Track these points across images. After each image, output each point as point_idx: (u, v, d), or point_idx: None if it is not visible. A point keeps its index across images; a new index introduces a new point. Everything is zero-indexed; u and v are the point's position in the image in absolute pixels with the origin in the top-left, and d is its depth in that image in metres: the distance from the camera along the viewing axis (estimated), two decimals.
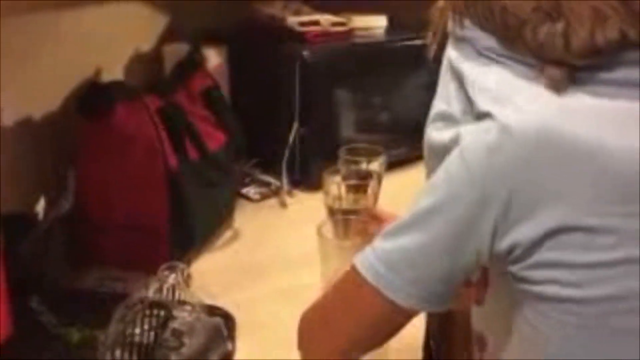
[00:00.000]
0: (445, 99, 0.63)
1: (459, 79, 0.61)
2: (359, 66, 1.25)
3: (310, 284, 0.99)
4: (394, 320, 0.64)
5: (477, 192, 0.57)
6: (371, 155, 1.04)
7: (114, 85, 0.99)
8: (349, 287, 0.64)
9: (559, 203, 0.55)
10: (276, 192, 1.22)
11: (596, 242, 0.55)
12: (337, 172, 1.03)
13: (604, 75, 0.58)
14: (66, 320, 0.85)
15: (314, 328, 0.68)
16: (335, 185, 0.97)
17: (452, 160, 0.58)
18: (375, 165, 1.03)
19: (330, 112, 1.24)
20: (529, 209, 0.56)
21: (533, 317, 0.59)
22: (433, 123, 0.63)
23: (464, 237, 0.58)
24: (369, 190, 0.98)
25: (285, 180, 1.20)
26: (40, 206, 0.91)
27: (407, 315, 0.63)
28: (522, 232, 0.56)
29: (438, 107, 0.63)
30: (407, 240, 0.60)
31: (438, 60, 0.67)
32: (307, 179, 1.22)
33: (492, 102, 0.58)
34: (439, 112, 0.63)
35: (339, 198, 0.97)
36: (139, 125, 0.95)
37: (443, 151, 0.60)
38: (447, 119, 0.61)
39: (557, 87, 0.57)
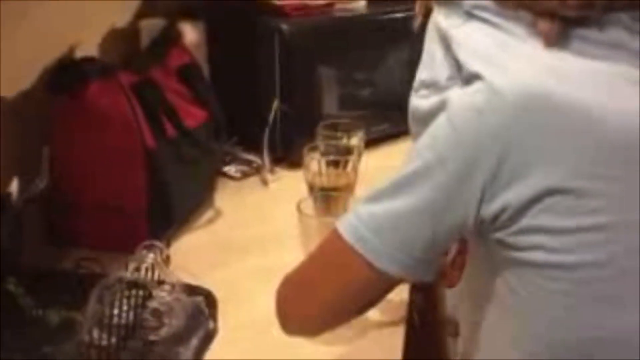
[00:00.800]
0: (429, 66, 0.62)
1: (446, 43, 0.60)
2: (340, 40, 1.23)
3: (292, 261, 0.97)
4: (374, 286, 0.63)
5: (465, 154, 0.56)
6: (350, 130, 1.04)
7: (86, 61, 0.96)
8: (331, 251, 0.63)
9: (547, 165, 0.55)
10: (258, 170, 1.21)
11: (582, 206, 0.55)
12: (317, 148, 1.02)
13: (593, 35, 0.57)
14: (44, 302, 0.84)
15: (293, 293, 0.67)
16: (315, 161, 0.96)
17: (438, 124, 0.57)
18: (354, 141, 1.02)
19: (312, 88, 1.22)
20: (518, 172, 0.55)
21: (517, 284, 0.59)
22: (417, 91, 0.63)
23: (450, 201, 0.57)
24: (350, 166, 0.97)
25: (266, 158, 1.19)
26: (14, 187, 0.89)
27: (388, 283, 0.63)
28: (511, 196, 0.55)
29: (422, 75, 0.62)
30: (391, 204, 0.59)
31: (423, 29, 0.66)
32: (289, 156, 1.21)
33: (482, 63, 0.57)
34: (423, 79, 0.62)
35: (320, 174, 0.96)
36: (114, 103, 0.93)
37: (429, 118, 0.59)
38: (432, 86, 0.61)
39: (550, 41, 0.57)
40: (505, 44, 0.58)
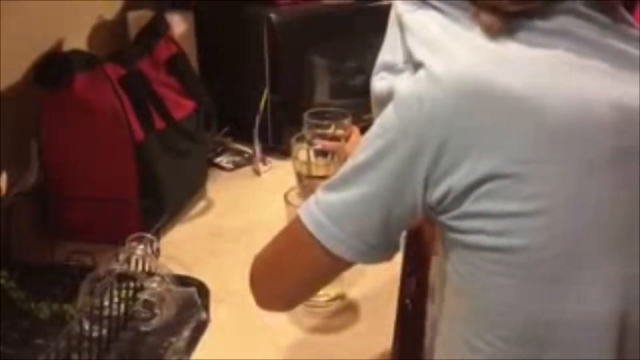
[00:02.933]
0: (390, 49, 0.63)
1: (402, 29, 0.62)
2: (329, 29, 1.22)
3: None
4: (332, 269, 0.67)
5: (409, 142, 0.57)
6: (337, 118, 1.03)
7: (72, 54, 0.96)
8: (294, 235, 0.66)
9: (487, 151, 0.56)
10: (249, 161, 1.20)
11: (522, 190, 0.56)
12: (304, 137, 1.01)
13: (539, 24, 0.58)
14: (35, 295, 0.84)
15: (261, 272, 0.70)
16: (304, 150, 0.96)
17: (386, 113, 0.59)
18: (342, 129, 1.02)
19: (302, 77, 1.21)
20: (458, 158, 0.57)
21: (460, 266, 0.61)
22: (377, 73, 0.64)
23: (399, 189, 0.59)
24: (338, 155, 0.96)
25: (258, 148, 1.19)
26: (3, 180, 0.89)
27: (346, 266, 0.65)
28: (453, 181, 0.57)
29: (382, 58, 0.64)
30: (347, 194, 0.61)
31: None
32: (280, 146, 1.21)
33: (427, 51, 0.58)
34: (383, 62, 0.63)
35: (308, 163, 0.95)
36: (101, 95, 0.93)
37: (385, 101, 0.61)
38: (390, 68, 0.62)
39: (491, 34, 0.57)
40: (452, 32, 0.59)
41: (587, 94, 0.56)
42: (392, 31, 0.63)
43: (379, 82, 0.63)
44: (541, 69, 0.57)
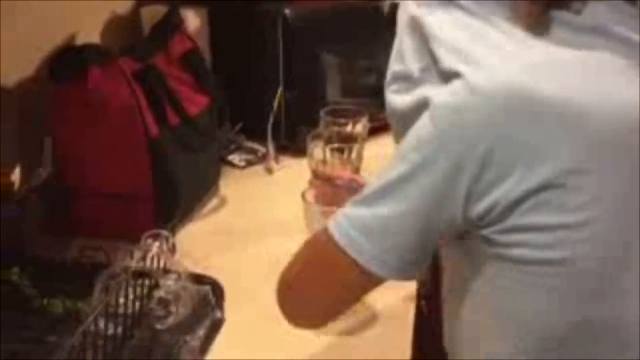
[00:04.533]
0: (400, 57, 0.60)
1: (420, 32, 0.58)
2: (344, 27, 1.21)
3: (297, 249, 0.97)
4: (364, 286, 0.65)
5: (450, 156, 0.56)
6: (354, 116, 1.02)
7: (88, 48, 0.95)
8: (322, 252, 0.64)
9: (537, 162, 0.54)
10: (262, 159, 1.19)
11: (570, 201, 0.55)
12: (320, 135, 1.01)
13: (576, 20, 0.56)
14: (48, 292, 0.83)
15: (289, 293, 0.68)
16: (320, 149, 0.95)
17: (422, 125, 0.57)
18: (359, 127, 1.01)
19: (316, 75, 1.20)
20: (506, 171, 0.55)
21: (499, 279, 0.59)
22: (389, 85, 0.61)
23: (438, 204, 0.57)
24: (354, 153, 0.95)
25: (271, 146, 1.18)
26: (16, 175, 0.88)
27: (378, 283, 0.63)
28: (500, 194, 0.55)
29: (394, 67, 0.61)
30: (381, 209, 0.59)
31: (393, 14, 0.65)
32: (293, 144, 1.20)
33: (459, 59, 0.56)
34: (394, 72, 0.61)
35: (324, 162, 0.94)
36: (115, 90, 0.92)
37: (410, 115, 0.58)
38: (405, 79, 0.59)
39: (530, 24, 0.55)
40: (482, 36, 0.56)
41: (627, 97, 0.55)
42: (401, 37, 0.60)
43: (395, 96, 0.60)
44: (580, 73, 0.55)
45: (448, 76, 0.56)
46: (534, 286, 0.57)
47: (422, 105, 0.57)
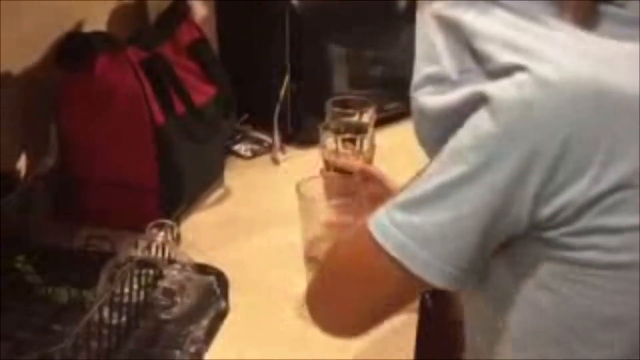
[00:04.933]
0: (432, 59, 0.56)
1: (455, 32, 0.55)
2: (351, 18, 1.20)
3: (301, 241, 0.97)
4: (411, 295, 0.61)
5: (518, 153, 0.51)
6: (361, 107, 1.01)
7: (95, 35, 0.94)
8: (361, 259, 0.59)
9: (613, 160, 0.51)
10: (268, 149, 1.19)
11: None
12: (331, 125, 1.00)
13: (622, 14, 0.54)
14: (53, 280, 0.83)
15: (325, 307, 0.63)
16: (332, 139, 0.94)
17: (480, 123, 0.52)
18: (365, 118, 1.00)
19: (323, 66, 1.20)
20: (580, 169, 0.51)
21: (555, 284, 0.55)
22: (420, 88, 0.57)
23: (503, 206, 0.53)
24: (366, 144, 0.95)
25: (277, 136, 1.17)
26: (22, 163, 0.88)
27: (425, 290, 0.60)
28: (572, 194, 0.52)
29: (425, 70, 0.56)
30: (437, 213, 0.54)
31: (411, 11, 0.61)
32: (299, 134, 1.19)
33: (517, 54, 0.52)
34: (428, 75, 0.56)
35: (336, 152, 0.94)
36: (122, 78, 0.91)
37: (451, 116, 0.54)
38: (440, 81, 0.55)
39: (579, 17, 0.53)
40: (532, 32, 0.53)
41: None
42: (430, 38, 0.56)
43: (432, 98, 0.55)
44: (638, 64, 0.52)
45: (504, 72, 0.52)
46: (599, 289, 0.54)
47: (475, 102, 0.53)
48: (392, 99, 1.24)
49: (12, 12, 0.90)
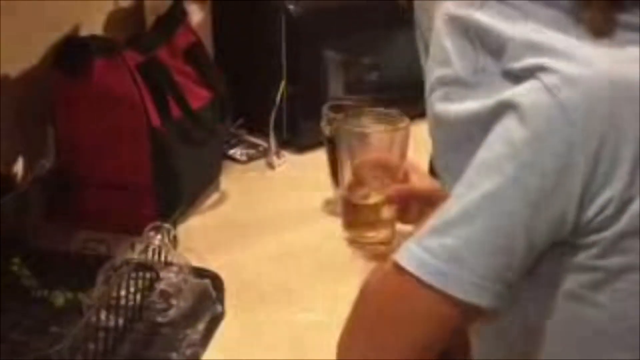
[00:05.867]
0: (441, 60, 0.54)
1: (466, 33, 0.53)
2: (347, 23, 1.21)
3: (298, 244, 0.98)
4: (455, 326, 0.55)
5: (554, 157, 0.50)
6: (359, 112, 1.01)
7: (93, 39, 0.95)
8: (399, 299, 0.54)
9: None
10: (263, 153, 1.19)
11: None
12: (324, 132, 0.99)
13: (635, 21, 0.52)
14: (49, 283, 0.83)
15: (362, 350, 0.56)
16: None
17: (511, 131, 0.51)
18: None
19: (318, 70, 1.20)
20: (616, 165, 0.50)
21: (601, 295, 0.53)
22: (434, 92, 0.55)
23: (547, 212, 0.51)
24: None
25: (272, 141, 1.18)
26: (19, 166, 0.88)
27: (472, 317, 0.55)
28: (614, 189, 0.50)
29: (436, 72, 0.55)
30: (472, 229, 0.51)
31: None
32: (295, 139, 1.20)
33: (538, 54, 0.50)
34: (440, 78, 0.55)
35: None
36: (119, 82, 0.92)
37: (471, 124, 0.53)
38: (452, 83, 0.54)
39: (596, 27, 0.51)
40: (546, 31, 0.51)
41: None
42: (442, 40, 0.54)
43: (445, 104, 0.54)
44: None
45: (527, 73, 0.50)
46: (629, 295, 0.52)
47: (499, 110, 0.51)
48: (387, 104, 1.24)
49: (10, 14, 0.91)
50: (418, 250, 0.53)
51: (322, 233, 1.00)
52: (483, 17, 0.53)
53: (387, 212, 0.85)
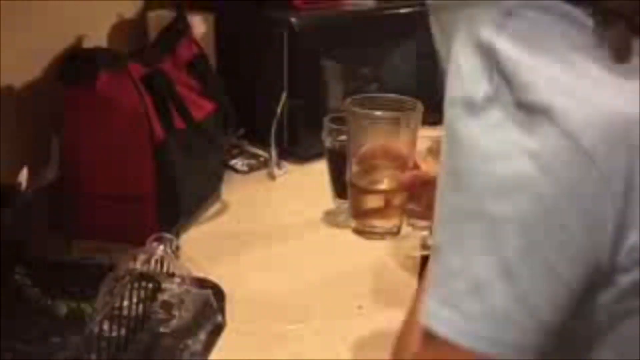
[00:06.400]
0: (457, 80, 0.51)
1: (484, 53, 0.50)
2: (348, 34, 1.22)
3: (298, 255, 0.98)
4: None
5: (585, 206, 0.47)
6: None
7: (98, 51, 0.96)
8: None
9: None
10: (264, 164, 1.20)
11: None
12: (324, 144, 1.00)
13: None
14: (52, 293, 0.84)
15: None
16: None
17: (531, 182, 0.47)
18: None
19: (320, 82, 1.21)
20: None
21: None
22: (453, 108, 0.51)
23: (580, 257, 0.48)
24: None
25: (274, 152, 1.19)
26: (23, 176, 0.88)
27: None
28: None
29: (452, 92, 0.51)
30: (505, 292, 0.47)
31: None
32: (296, 150, 1.21)
33: (556, 91, 0.48)
34: (452, 97, 0.51)
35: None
36: (123, 94, 0.93)
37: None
38: (464, 104, 0.50)
39: (615, 55, 0.49)
40: (566, 60, 0.48)
41: None
42: (456, 57, 0.51)
43: (464, 124, 0.50)
44: None
45: (541, 111, 0.47)
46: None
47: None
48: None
49: (15, 26, 0.92)
50: (459, 320, 0.48)
51: (323, 244, 1.01)
52: (506, 44, 0.49)
53: (397, 199, 0.81)
